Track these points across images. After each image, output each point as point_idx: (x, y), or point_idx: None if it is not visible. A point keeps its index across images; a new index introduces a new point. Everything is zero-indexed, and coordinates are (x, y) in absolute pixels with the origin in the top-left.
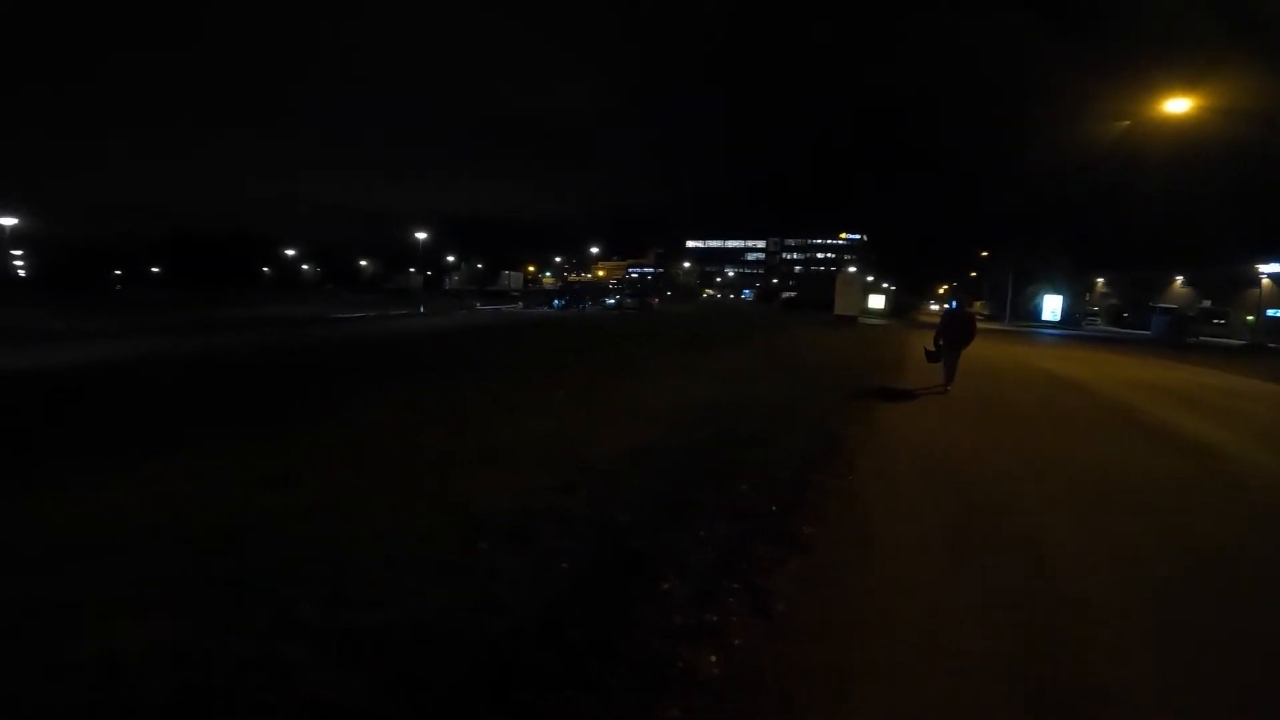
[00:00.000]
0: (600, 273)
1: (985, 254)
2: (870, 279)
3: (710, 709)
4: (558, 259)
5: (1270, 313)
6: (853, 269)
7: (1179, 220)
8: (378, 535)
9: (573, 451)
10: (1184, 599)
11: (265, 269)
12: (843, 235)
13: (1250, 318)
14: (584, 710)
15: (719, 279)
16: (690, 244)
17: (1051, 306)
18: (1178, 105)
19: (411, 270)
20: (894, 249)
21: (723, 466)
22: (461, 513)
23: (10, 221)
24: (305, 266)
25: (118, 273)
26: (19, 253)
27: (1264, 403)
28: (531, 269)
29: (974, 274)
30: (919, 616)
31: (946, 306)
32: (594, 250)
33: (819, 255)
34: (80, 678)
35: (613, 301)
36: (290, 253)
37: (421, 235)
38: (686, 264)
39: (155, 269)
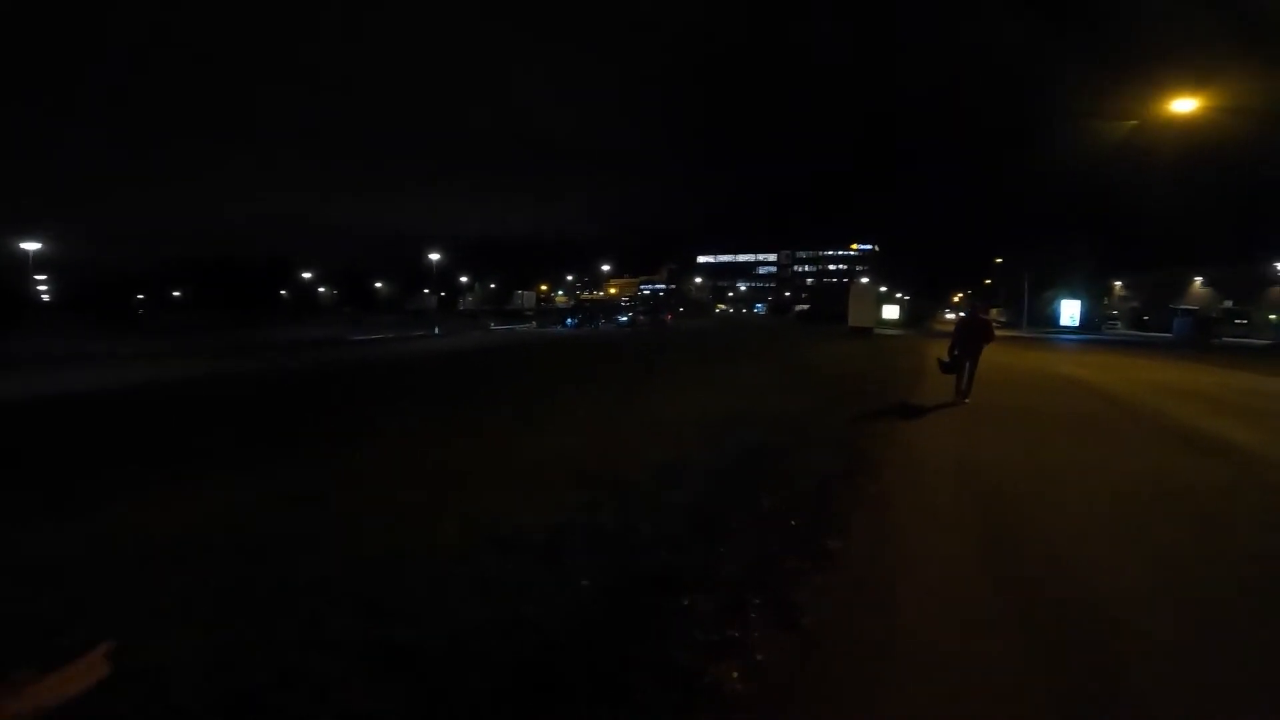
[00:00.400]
0: (613, 290)
1: (1000, 260)
2: (884, 289)
3: None
4: (570, 277)
5: None
6: (865, 279)
7: (1197, 221)
8: (409, 552)
9: (598, 468)
10: (1228, 611)
11: (283, 292)
12: (854, 245)
13: (1274, 316)
14: None
15: (731, 293)
16: (702, 259)
17: (1070, 311)
18: (1189, 104)
19: (426, 291)
20: (907, 258)
21: (746, 481)
22: (491, 530)
23: (34, 246)
24: (322, 289)
25: (140, 296)
26: (42, 277)
27: None
28: (544, 288)
29: (989, 280)
30: (948, 631)
31: (961, 315)
32: (606, 268)
33: (830, 266)
34: (123, 690)
35: (626, 319)
36: (307, 275)
37: (435, 256)
38: (699, 279)
39: (176, 293)
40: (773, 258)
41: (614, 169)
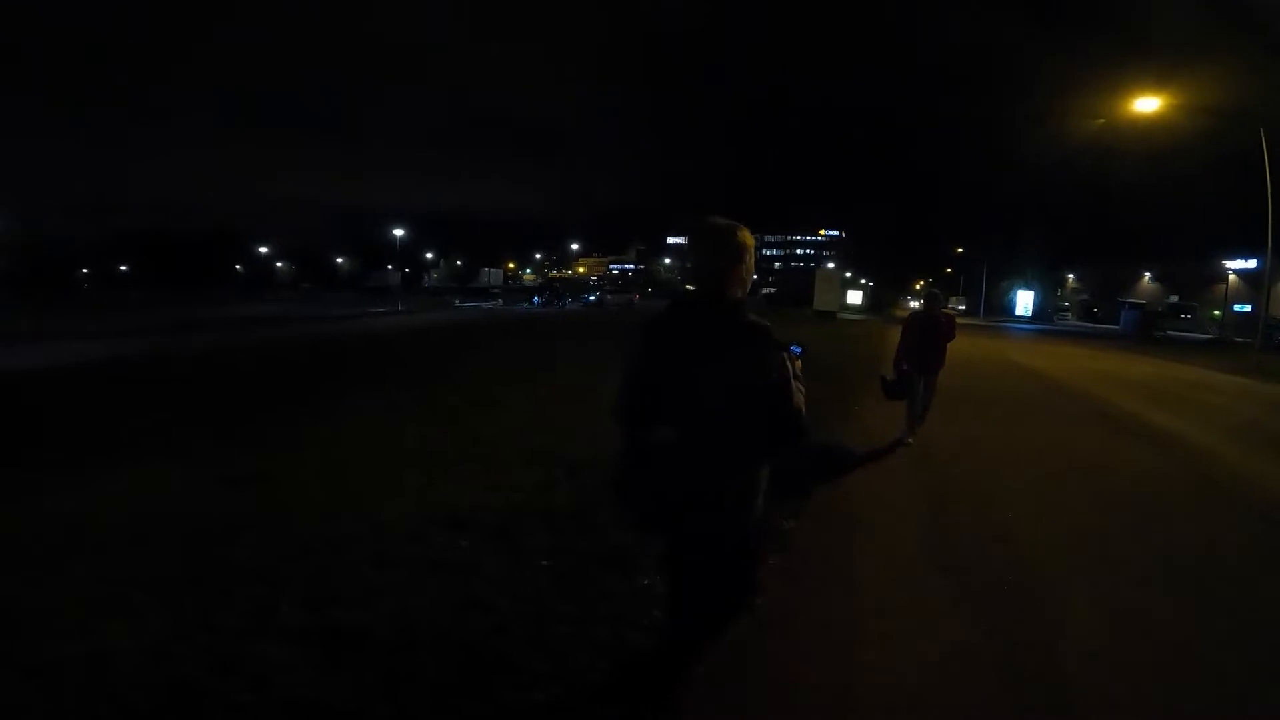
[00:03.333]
0: (581, 269)
1: (961, 250)
2: (849, 275)
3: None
4: (538, 255)
5: (1236, 308)
6: (832, 265)
7: (1149, 218)
8: (359, 535)
9: (555, 448)
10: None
11: (238, 267)
12: (821, 231)
13: (1217, 313)
14: (569, 706)
15: None
16: (671, 240)
17: (1024, 302)
18: (1148, 104)
19: (389, 268)
20: (872, 245)
21: None
22: (444, 510)
23: None
24: (280, 265)
25: (85, 271)
26: None
27: (1228, 396)
28: (511, 266)
29: (949, 270)
30: (898, 590)
31: (915, 308)
32: (574, 247)
33: (798, 251)
34: (61, 678)
35: (593, 298)
36: (263, 250)
37: (399, 232)
38: (668, 260)
39: (124, 268)
40: None
41: (584, 149)
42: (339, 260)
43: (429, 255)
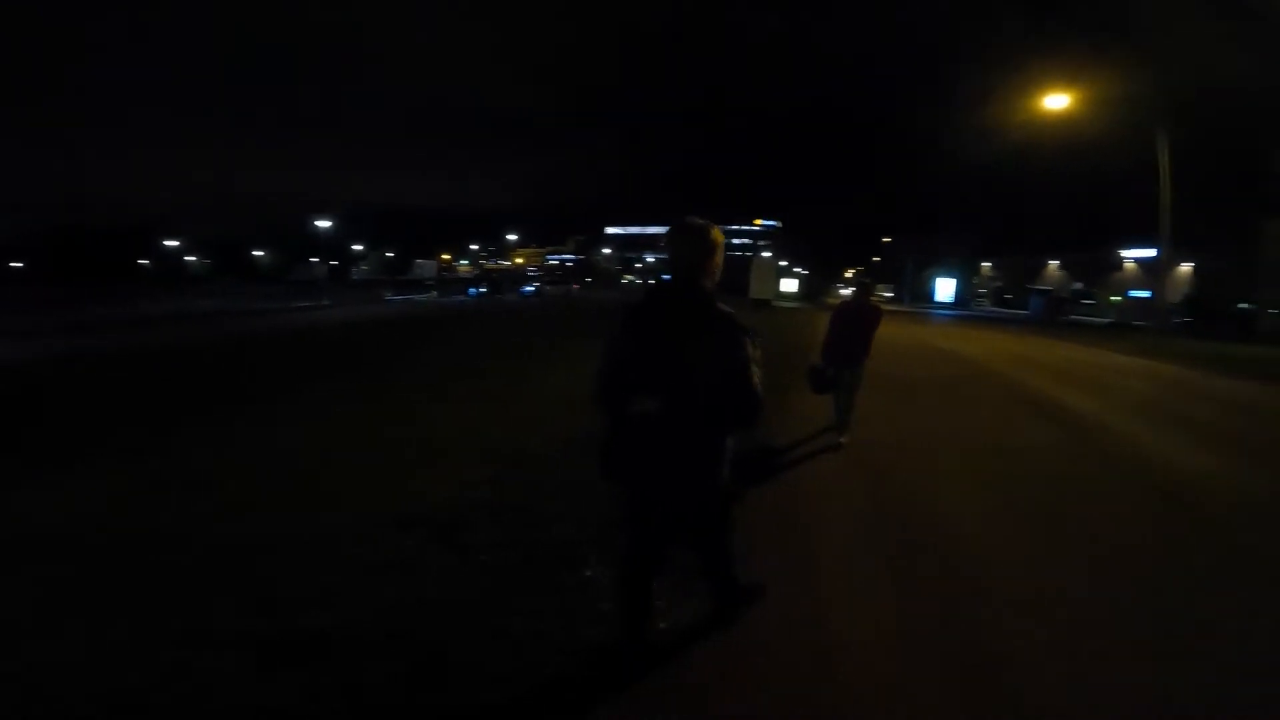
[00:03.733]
0: (519, 260)
1: (887, 240)
2: (784, 264)
3: (647, 691)
4: (474, 246)
5: (1132, 293)
6: (767, 254)
7: (1055, 209)
8: (299, 537)
9: (501, 444)
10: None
11: (144, 262)
12: (758, 221)
13: (1115, 298)
14: (526, 701)
15: (639, 265)
16: (610, 230)
17: (945, 289)
18: (1057, 101)
19: (314, 260)
20: (806, 235)
21: None
22: (388, 510)
23: None
24: (192, 258)
25: None
26: None
27: (1127, 375)
28: (446, 257)
29: (877, 259)
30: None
31: (844, 296)
32: (512, 237)
33: (735, 240)
34: None
35: (531, 289)
36: (173, 244)
37: (324, 223)
38: (607, 250)
39: (18, 264)
40: None
41: (521, 139)
42: (258, 254)
43: (357, 247)
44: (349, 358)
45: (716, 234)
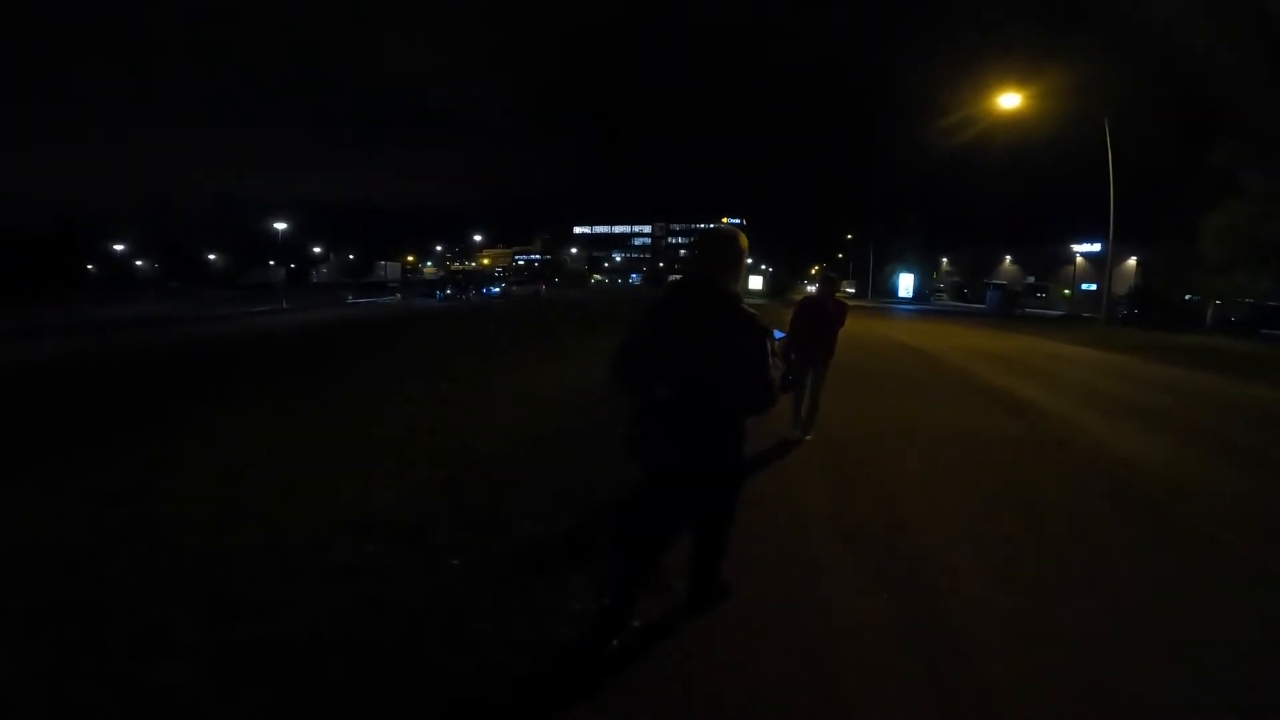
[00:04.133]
0: (485, 261)
1: (850, 236)
2: (750, 261)
3: (616, 692)
4: (439, 247)
5: (1083, 286)
6: None
7: (1009, 205)
8: (256, 545)
9: (461, 444)
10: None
11: (90, 266)
12: (724, 220)
13: (1066, 291)
14: (492, 703)
15: (607, 264)
16: (578, 230)
17: (906, 285)
18: (1009, 100)
19: (272, 263)
20: (771, 232)
21: (610, 449)
22: (348, 514)
23: None
24: (140, 262)
25: None
26: None
27: (1079, 366)
28: (411, 259)
29: (841, 255)
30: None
31: (809, 292)
32: (478, 238)
33: None
34: None
35: (498, 290)
36: (120, 247)
37: (281, 225)
38: (574, 250)
39: None
40: (648, 229)
41: (487, 138)
42: (211, 257)
43: (317, 249)
44: (304, 363)
45: (743, 241)
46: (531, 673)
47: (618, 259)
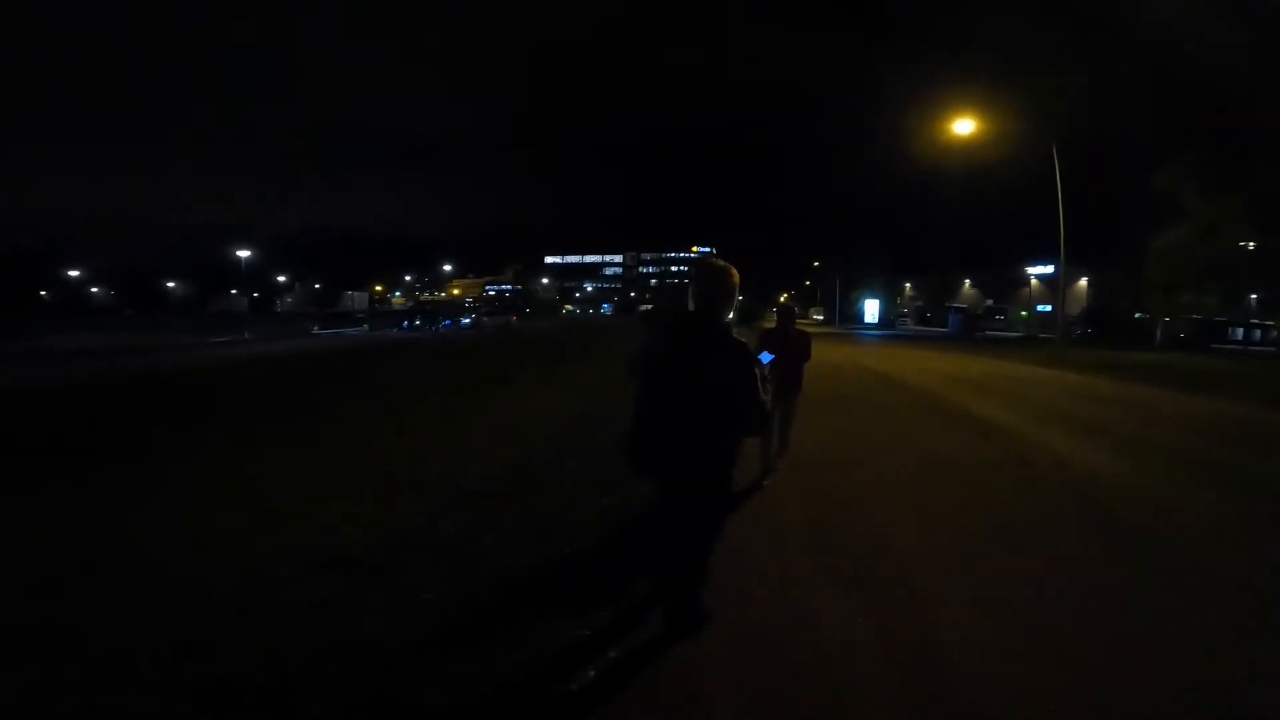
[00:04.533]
0: (456, 291)
1: (817, 264)
2: None
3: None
4: (409, 277)
5: (1040, 308)
6: None
7: (968, 230)
8: (226, 579)
9: (439, 477)
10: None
11: (43, 293)
12: (694, 249)
13: (1024, 313)
14: None
15: (578, 294)
16: (549, 260)
17: (871, 310)
18: (963, 126)
19: (234, 292)
20: (740, 261)
21: (587, 480)
22: (319, 548)
23: None
24: (95, 289)
25: None
26: None
27: (1038, 386)
28: (379, 288)
29: (808, 282)
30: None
31: (767, 327)
32: (448, 268)
33: (673, 268)
34: None
35: (468, 320)
36: (74, 273)
37: (244, 253)
38: (545, 280)
39: None
40: (619, 259)
41: (455, 166)
42: (170, 284)
43: (282, 278)
44: (256, 398)
45: (735, 275)
46: (509, 704)
47: (589, 289)
